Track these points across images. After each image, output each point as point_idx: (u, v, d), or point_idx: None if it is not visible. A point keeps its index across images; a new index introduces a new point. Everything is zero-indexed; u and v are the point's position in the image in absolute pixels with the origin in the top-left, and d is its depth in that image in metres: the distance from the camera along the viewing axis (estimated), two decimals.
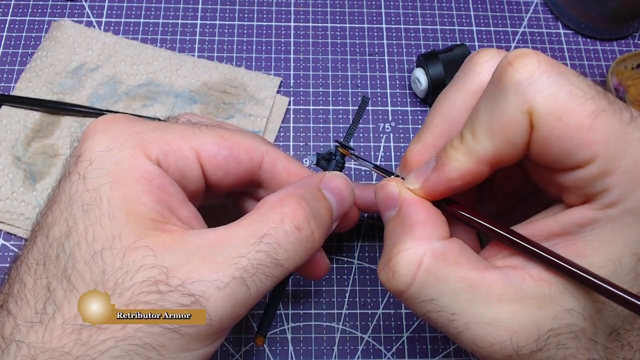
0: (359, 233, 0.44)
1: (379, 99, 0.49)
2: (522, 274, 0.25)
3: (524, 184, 0.30)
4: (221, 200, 0.34)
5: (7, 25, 0.49)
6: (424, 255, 0.25)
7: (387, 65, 0.50)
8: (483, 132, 0.24)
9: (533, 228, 0.26)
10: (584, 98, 0.23)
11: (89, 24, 0.50)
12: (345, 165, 0.34)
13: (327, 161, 0.34)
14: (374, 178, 0.46)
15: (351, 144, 0.46)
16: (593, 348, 0.24)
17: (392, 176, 0.30)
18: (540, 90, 0.23)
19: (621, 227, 0.23)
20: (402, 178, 0.29)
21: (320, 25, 0.52)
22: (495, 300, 0.24)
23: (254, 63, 0.50)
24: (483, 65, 0.27)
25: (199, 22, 0.51)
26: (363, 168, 0.46)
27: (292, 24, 0.52)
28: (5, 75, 0.47)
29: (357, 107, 0.47)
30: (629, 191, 0.23)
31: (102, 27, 0.50)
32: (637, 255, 0.24)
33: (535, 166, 0.26)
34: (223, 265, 0.24)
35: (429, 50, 0.50)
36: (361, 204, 0.36)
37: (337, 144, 0.34)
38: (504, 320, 0.24)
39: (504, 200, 0.33)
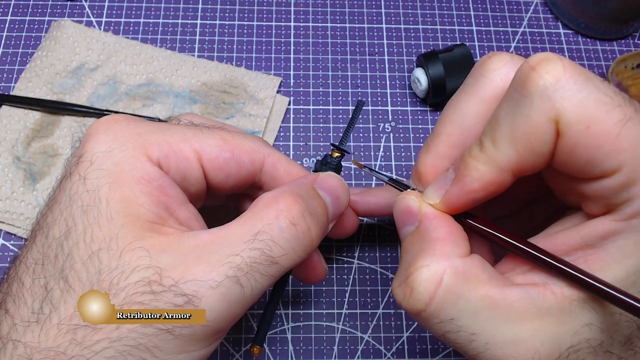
0: (359, 233, 0.44)
1: (379, 99, 0.49)
2: (543, 290, 0.24)
3: (536, 188, 0.29)
4: (222, 202, 0.34)
5: (7, 25, 0.50)
6: (444, 273, 0.24)
7: (387, 65, 0.50)
8: (505, 140, 0.24)
9: (553, 242, 0.25)
10: (612, 105, 0.22)
11: (89, 24, 0.50)
12: (343, 166, 0.34)
13: (325, 165, 0.34)
14: (374, 181, 0.46)
15: (351, 145, 0.46)
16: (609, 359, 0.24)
17: (409, 189, 0.29)
18: (567, 96, 0.22)
19: None
20: (420, 191, 0.28)
21: (320, 25, 0.52)
22: (516, 318, 0.23)
23: (254, 63, 0.50)
24: (496, 71, 0.26)
25: (199, 22, 0.51)
26: (363, 173, 0.46)
27: (292, 24, 0.52)
28: (5, 75, 0.47)
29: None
30: None
31: (102, 27, 0.50)
32: None
33: (555, 174, 0.25)
34: (216, 264, 0.24)
35: (429, 50, 0.49)
36: (362, 209, 0.36)
37: (332, 147, 0.34)
38: (525, 338, 0.23)
39: (512, 203, 0.33)
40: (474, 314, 0.24)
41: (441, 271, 0.24)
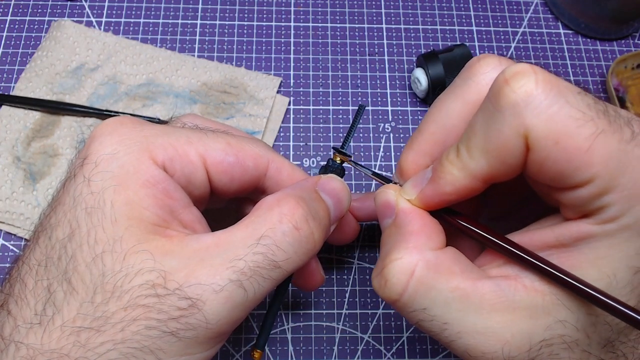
0: (359, 233, 0.44)
1: (379, 99, 0.49)
2: (514, 283, 0.25)
3: (525, 188, 0.30)
4: (223, 205, 0.34)
5: (7, 25, 0.49)
6: (416, 265, 0.25)
7: (387, 65, 0.50)
8: (478, 150, 0.24)
9: (529, 238, 0.26)
10: (583, 120, 0.22)
11: (89, 24, 0.50)
12: (345, 172, 0.34)
13: (327, 169, 0.34)
14: (373, 185, 0.46)
15: (351, 146, 0.46)
16: (587, 359, 0.24)
17: (391, 183, 0.30)
18: (537, 113, 0.22)
19: (618, 242, 0.23)
20: (401, 185, 0.29)
21: (320, 25, 0.52)
22: (487, 310, 0.24)
23: (254, 63, 0.50)
24: (483, 75, 0.27)
25: (199, 22, 0.51)
26: (363, 174, 0.46)
27: (292, 24, 0.52)
28: (5, 75, 0.47)
29: (356, 108, 0.47)
30: (627, 208, 0.23)
31: (102, 27, 0.50)
32: (633, 269, 0.23)
33: (534, 180, 0.26)
34: (220, 268, 0.24)
35: (429, 50, 0.50)
36: (363, 214, 0.36)
37: (334, 150, 0.34)
38: (495, 330, 0.24)
39: (506, 202, 0.33)
40: (445, 304, 0.24)
41: (413, 264, 0.25)
